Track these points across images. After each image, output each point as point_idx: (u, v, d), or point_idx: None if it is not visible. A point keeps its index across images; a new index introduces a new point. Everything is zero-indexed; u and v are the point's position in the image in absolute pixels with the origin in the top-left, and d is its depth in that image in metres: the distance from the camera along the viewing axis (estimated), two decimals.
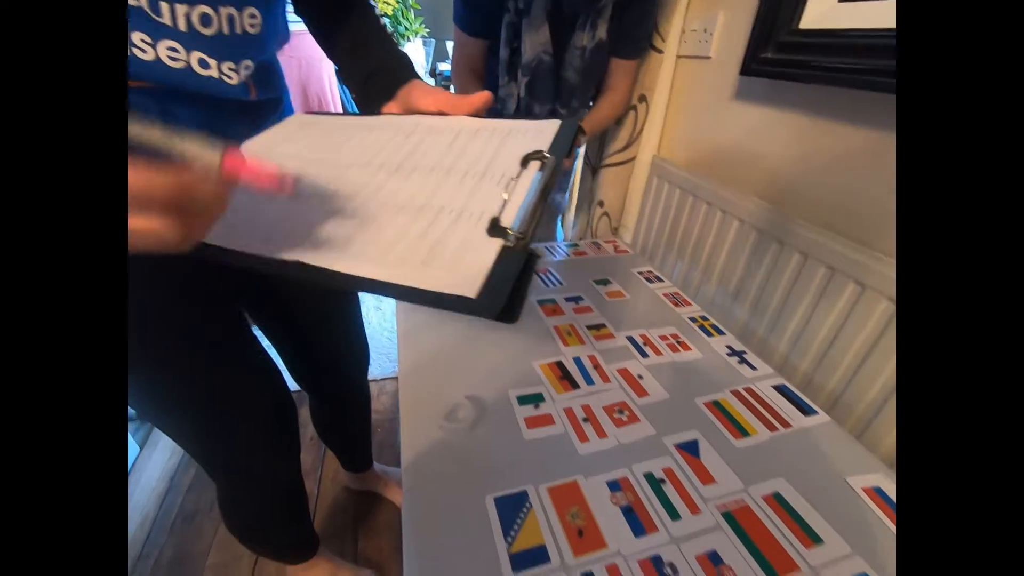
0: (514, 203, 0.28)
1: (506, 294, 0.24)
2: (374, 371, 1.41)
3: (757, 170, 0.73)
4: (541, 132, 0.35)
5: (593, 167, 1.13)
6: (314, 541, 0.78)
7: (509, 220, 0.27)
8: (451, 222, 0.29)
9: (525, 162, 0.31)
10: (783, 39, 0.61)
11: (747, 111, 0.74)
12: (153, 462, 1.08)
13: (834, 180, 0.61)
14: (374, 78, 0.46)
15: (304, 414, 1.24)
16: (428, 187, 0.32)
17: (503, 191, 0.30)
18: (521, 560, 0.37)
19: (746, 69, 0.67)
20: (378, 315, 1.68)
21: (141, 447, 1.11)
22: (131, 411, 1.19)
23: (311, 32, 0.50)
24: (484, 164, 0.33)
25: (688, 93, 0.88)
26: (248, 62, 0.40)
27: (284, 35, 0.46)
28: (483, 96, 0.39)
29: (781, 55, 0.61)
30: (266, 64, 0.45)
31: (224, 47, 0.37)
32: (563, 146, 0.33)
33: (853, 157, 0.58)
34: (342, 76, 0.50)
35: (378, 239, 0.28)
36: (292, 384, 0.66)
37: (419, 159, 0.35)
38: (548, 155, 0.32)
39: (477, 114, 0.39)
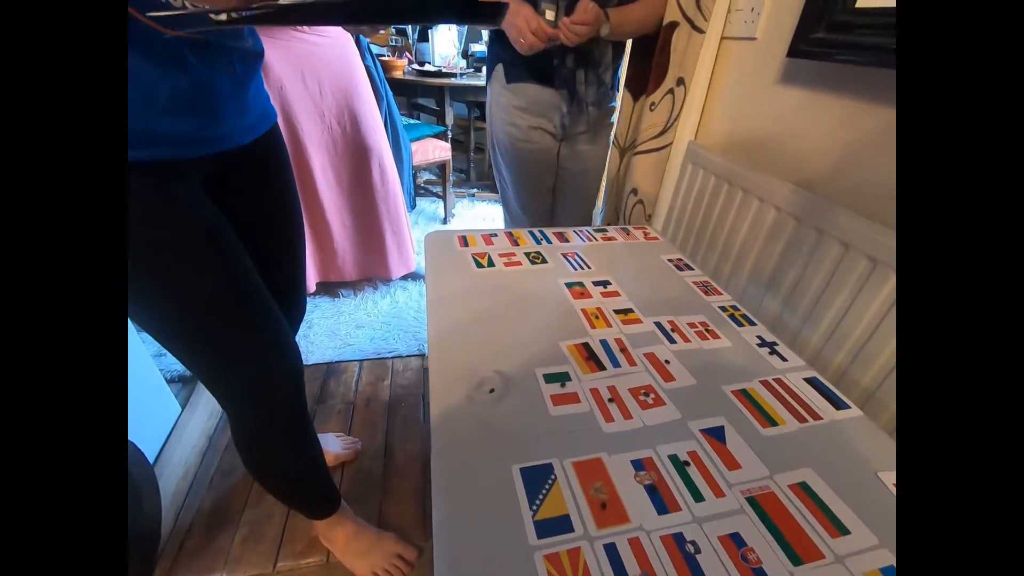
0: None
1: None
2: (400, 348, 1.45)
3: (798, 156, 0.71)
4: None
5: (621, 150, 1.11)
6: (335, 496, 0.81)
7: None
8: None
9: None
10: (838, 18, 0.58)
11: (792, 95, 0.71)
12: (194, 422, 1.15)
13: (877, 165, 0.59)
14: None
15: (330, 386, 1.29)
16: None
17: None
18: (546, 528, 0.39)
19: (794, 51, 0.64)
20: (404, 294, 1.72)
21: (183, 407, 1.18)
22: (171, 373, 1.26)
23: None
24: None
25: (729, 76, 0.85)
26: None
27: None
28: None
29: (834, 35, 0.59)
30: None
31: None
32: None
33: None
34: None
35: None
36: None
37: None
38: None
39: None
